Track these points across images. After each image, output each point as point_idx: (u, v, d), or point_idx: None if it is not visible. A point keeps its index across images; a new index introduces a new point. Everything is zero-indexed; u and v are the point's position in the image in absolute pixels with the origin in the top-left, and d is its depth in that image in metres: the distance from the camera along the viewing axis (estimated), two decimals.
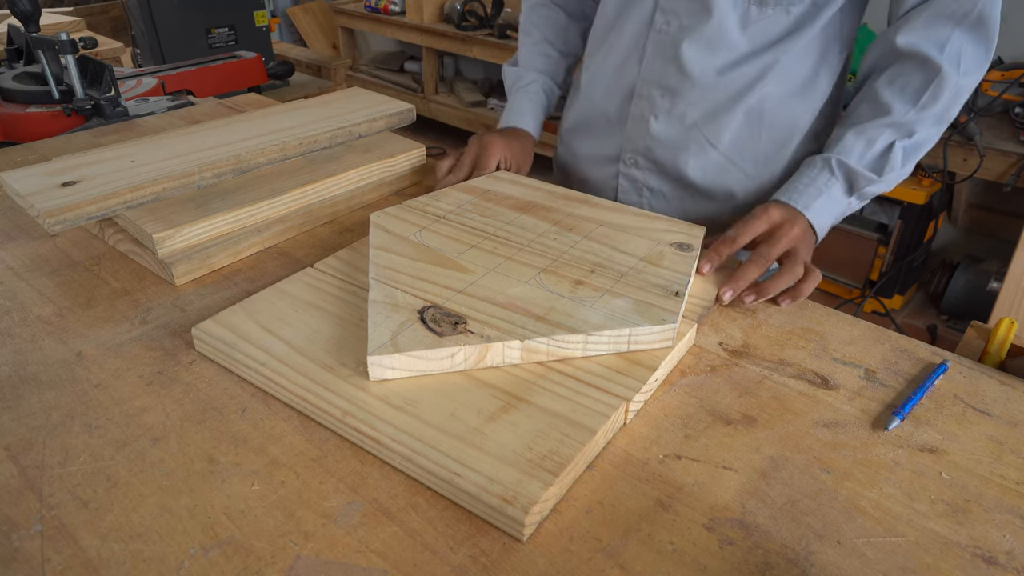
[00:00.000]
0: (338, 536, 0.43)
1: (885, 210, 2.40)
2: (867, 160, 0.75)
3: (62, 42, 1.13)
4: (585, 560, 0.42)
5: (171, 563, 0.41)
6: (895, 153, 0.74)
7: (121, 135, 1.06)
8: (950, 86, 0.72)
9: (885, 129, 0.74)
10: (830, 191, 0.75)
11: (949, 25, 0.71)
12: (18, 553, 0.42)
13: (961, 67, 0.72)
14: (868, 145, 0.75)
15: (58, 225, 0.67)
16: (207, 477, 0.47)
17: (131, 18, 2.21)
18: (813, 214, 0.73)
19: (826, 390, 0.58)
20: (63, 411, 0.53)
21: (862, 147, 0.75)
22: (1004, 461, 0.51)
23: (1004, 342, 0.62)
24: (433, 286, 0.61)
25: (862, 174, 0.74)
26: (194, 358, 0.59)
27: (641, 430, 0.53)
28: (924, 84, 0.73)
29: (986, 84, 2.06)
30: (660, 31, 0.83)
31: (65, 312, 0.65)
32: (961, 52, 0.72)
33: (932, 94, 0.72)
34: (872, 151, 0.75)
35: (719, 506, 0.46)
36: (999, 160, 1.91)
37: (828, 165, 0.75)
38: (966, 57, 0.72)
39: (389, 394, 0.52)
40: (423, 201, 0.78)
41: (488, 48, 3.16)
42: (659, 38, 0.84)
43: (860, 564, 0.43)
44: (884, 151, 0.75)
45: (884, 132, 0.74)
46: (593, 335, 0.56)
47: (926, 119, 0.74)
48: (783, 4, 0.78)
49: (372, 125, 0.94)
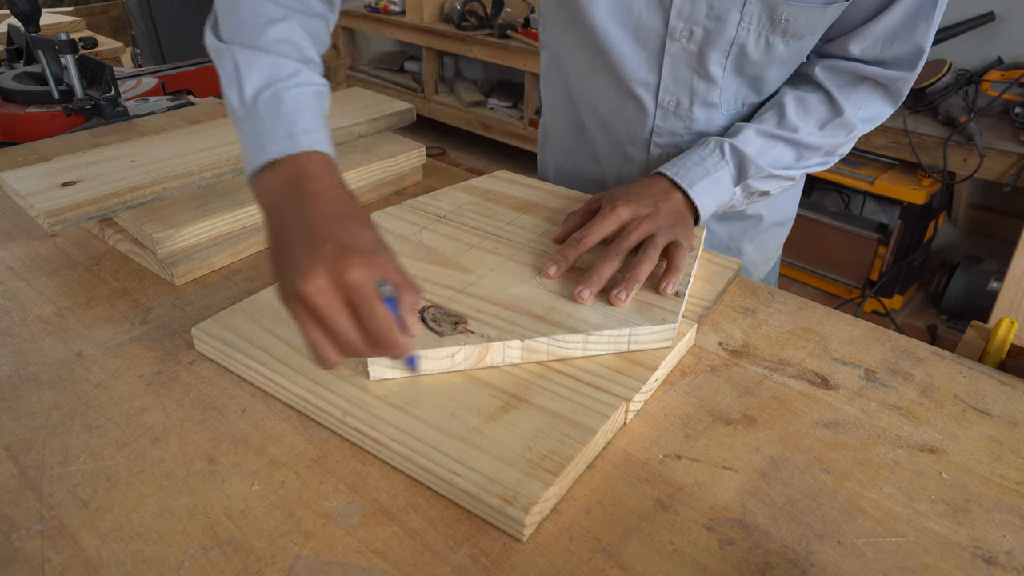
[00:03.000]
0: (338, 536, 0.43)
1: (885, 210, 2.41)
2: (762, 159, 0.73)
3: (62, 42, 1.14)
4: (585, 560, 0.42)
5: (171, 563, 0.41)
6: (785, 159, 0.75)
7: (121, 135, 1.06)
8: (847, 128, 0.74)
9: (785, 141, 0.74)
10: (718, 174, 0.72)
11: (865, 83, 0.74)
12: (18, 553, 0.42)
13: (861, 115, 0.74)
14: (766, 147, 0.74)
15: (58, 225, 0.67)
16: (207, 477, 0.47)
17: (131, 18, 2.21)
18: (697, 193, 0.70)
19: (826, 390, 0.58)
20: (63, 411, 0.53)
21: (760, 145, 0.74)
22: (1004, 461, 0.51)
23: (1004, 342, 0.62)
24: (433, 286, 0.61)
25: (753, 162, 0.72)
26: (194, 358, 0.59)
27: (641, 430, 0.53)
28: (828, 118, 0.74)
29: (986, 84, 2.06)
30: None
31: (65, 312, 0.65)
32: (866, 104, 0.74)
33: (832, 129, 0.74)
34: (770, 154, 0.74)
35: (719, 506, 0.46)
36: (999, 160, 1.91)
37: (720, 148, 0.73)
38: (870, 109, 0.75)
39: (389, 394, 0.52)
40: (423, 201, 0.78)
41: (488, 48, 3.16)
42: None
43: (860, 564, 0.43)
44: (778, 156, 0.74)
45: (782, 143, 0.74)
46: (593, 335, 0.56)
47: (821, 148, 0.75)
48: None
49: (372, 125, 0.94)
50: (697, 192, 0.70)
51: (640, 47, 0.73)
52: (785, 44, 0.71)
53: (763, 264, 0.95)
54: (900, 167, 2.21)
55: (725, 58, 0.72)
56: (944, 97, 2.08)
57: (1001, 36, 2.14)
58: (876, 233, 2.27)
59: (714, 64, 0.73)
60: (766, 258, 0.95)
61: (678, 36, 0.71)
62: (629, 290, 0.60)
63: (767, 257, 0.95)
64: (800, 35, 0.70)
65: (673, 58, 0.73)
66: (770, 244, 0.94)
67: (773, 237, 0.94)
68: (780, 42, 0.71)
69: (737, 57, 0.72)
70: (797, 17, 0.68)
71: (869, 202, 2.49)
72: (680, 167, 0.72)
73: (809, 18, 0.68)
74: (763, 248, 0.93)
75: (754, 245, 0.91)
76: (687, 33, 0.71)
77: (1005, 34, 2.13)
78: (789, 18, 0.68)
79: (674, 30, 0.71)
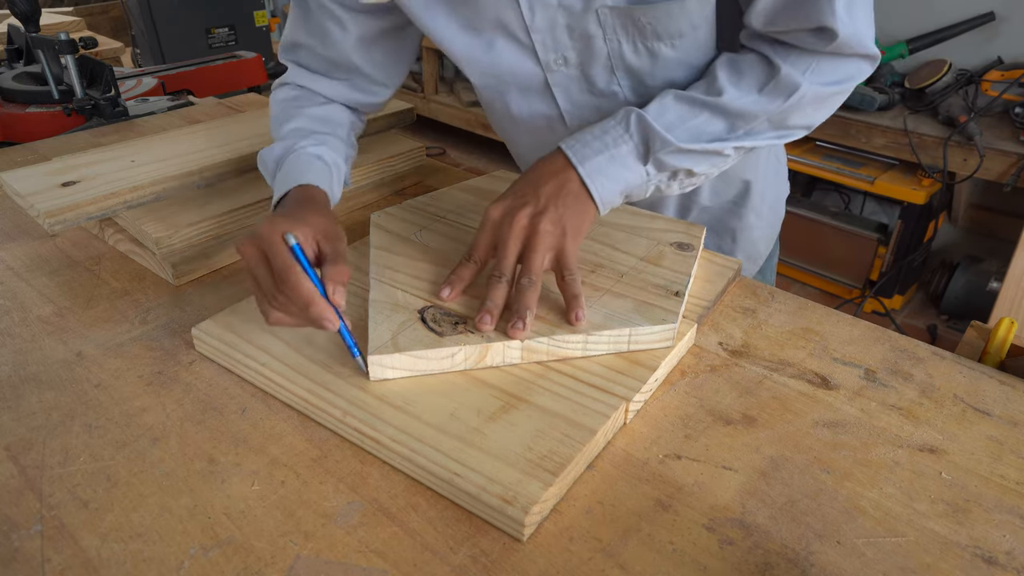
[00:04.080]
0: (338, 536, 0.43)
1: (885, 210, 2.41)
2: (679, 130, 0.62)
3: (62, 42, 1.14)
4: (585, 560, 0.42)
5: (171, 563, 0.41)
6: (714, 129, 0.63)
7: (121, 135, 1.06)
8: (788, 88, 0.62)
9: (711, 109, 0.63)
10: (618, 149, 0.62)
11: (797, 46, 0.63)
12: (18, 553, 0.42)
13: (810, 78, 0.62)
14: (687, 115, 0.63)
15: (58, 225, 0.67)
16: (207, 477, 0.47)
17: (131, 18, 2.21)
18: (589, 172, 0.61)
19: (826, 390, 0.58)
20: (63, 411, 0.53)
21: (679, 113, 0.63)
22: (1004, 461, 0.51)
23: (1004, 342, 0.62)
24: (434, 286, 0.61)
25: (659, 135, 0.61)
26: (194, 358, 0.59)
27: (641, 430, 0.53)
28: (765, 79, 0.63)
29: (986, 84, 2.06)
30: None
31: (65, 312, 0.65)
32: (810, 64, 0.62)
33: (771, 92, 0.63)
34: (692, 123, 0.63)
35: (719, 506, 0.46)
36: (999, 160, 1.91)
37: (627, 119, 0.63)
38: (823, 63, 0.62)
39: (389, 394, 0.52)
40: (423, 201, 0.78)
41: None
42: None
43: (860, 564, 0.43)
44: (703, 126, 0.63)
45: (707, 110, 0.63)
46: (593, 335, 0.56)
47: (758, 116, 0.63)
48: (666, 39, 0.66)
49: (372, 125, 0.94)
50: (589, 170, 0.61)
51: (526, 92, 0.73)
52: (670, 46, 0.66)
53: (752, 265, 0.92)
54: (900, 167, 2.21)
55: (611, 74, 0.69)
56: (944, 97, 2.08)
57: (1001, 36, 2.14)
58: (876, 233, 2.27)
59: (603, 82, 0.70)
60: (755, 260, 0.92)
61: (554, 66, 0.69)
62: (523, 319, 0.55)
63: (756, 259, 0.92)
64: (679, 33, 0.65)
65: (562, 88, 0.71)
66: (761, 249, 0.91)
67: (764, 242, 0.91)
68: (662, 45, 0.66)
69: (626, 70, 0.69)
70: (659, 18, 0.63)
71: (869, 202, 2.49)
72: (578, 140, 0.63)
73: (672, 15, 0.62)
74: (754, 252, 0.91)
75: (746, 253, 0.89)
76: (561, 61, 0.69)
77: (1005, 34, 2.13)
78: (651, 21, 0.63)
79: (547, 63, 0.69)
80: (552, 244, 0.58)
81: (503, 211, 0.60)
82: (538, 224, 0.58)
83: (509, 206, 0.60)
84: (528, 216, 0.59)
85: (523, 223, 0.59)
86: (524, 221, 0.59)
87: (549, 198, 0.60)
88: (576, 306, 0.57)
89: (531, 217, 0.59)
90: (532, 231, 0.58)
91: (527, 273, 0.57)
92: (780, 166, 0.92)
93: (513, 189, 0.62)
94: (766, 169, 0.87)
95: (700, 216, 0.87)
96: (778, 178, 0.91)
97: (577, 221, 0.60)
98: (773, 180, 0.89)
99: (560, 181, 0.61)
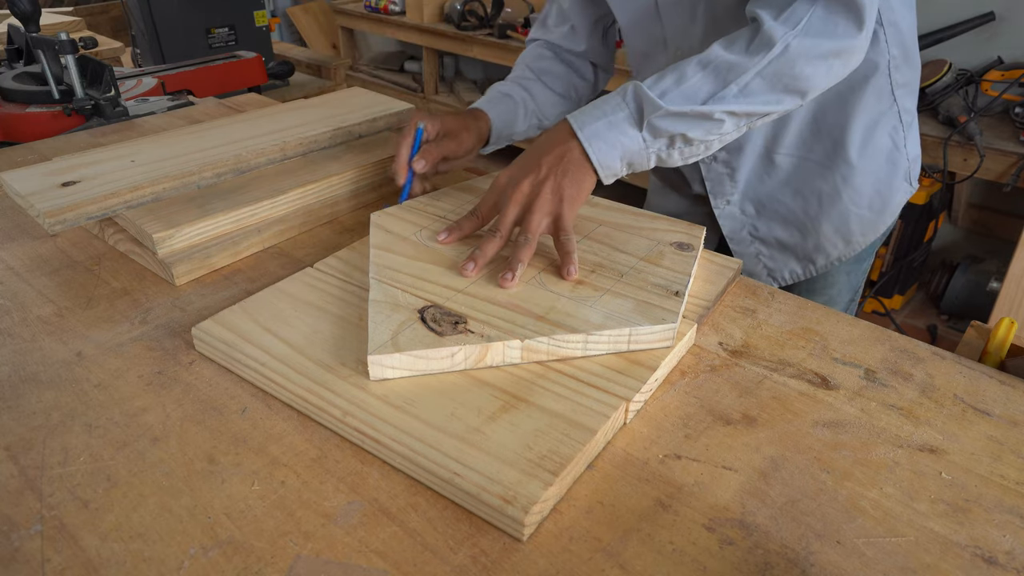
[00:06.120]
0: (338, 536, 0.43)
1: None
2: (672, 93, 0.65)
3: (62, 42, 1.13)
4: (585, 560, 0.42)
5: (171, 563, 0.41)
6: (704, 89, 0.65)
7: (121, 135, 1.06)
8: (768, 39, 0.63)
9: (702, 67, 0.65)
10: (615, 116, 0.66)
11: None
12: (18, 553, 0.42)
13: (800, 28, 0.63)
14: (681, 78, 0.65)
15: (58, 225, 0.67)
16: (207, 477, 0.47)
17: (131, 18, 2.21)
18: (588, 136, 0.65)
19: (826, 390, 0.58)
20: (63, 411, 0.53)
21: (675, 76, 0.66)
22: (1004, 461, 0.51)
23: (1004, 342, 0.62)
24: (433, 286, 0.61)
25: (648, 98, 0.64)
26: (194, 358, 0.59)
27: (641, 430, 0.53)
28: (751, 37, 0.65)
29: (986, 84, 2.06)
30: None
31: (65, 312, 0.65)
32: (804, 17, 0.64)
33: (756, 46, 0.64)
34: (685, 84, 0.65)
35: (719, 506, 0.46)
36: (999, 160, 1.90)
37: (625, 89, 0.67)
38: (813, 21, 0.64)
39: (389, 394, 0.52)
40: (423, 201, 0.78)
41: (488, 48, 3.15)
42: None
43: (860, 564, 0.43)
44: (696, 87, 0.65)
45: (700, 71, 0.65)
46: (593, 335, 0.56)
47: (748, 69, 0.64)
48: None
49: (372, 125, 0.94)
50: (588, 135, 0.65)
51: None
52: None
53: (844, 246, 0.89)
54: None
55: None
56: (944, 97, 2.08)
57: (1001, 36, 2.14)
58: None
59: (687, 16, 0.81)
60: (848, 241, 0.89)
61: None
62: (513, 271, 0.61)
63: (849, 240, 0.89)
64: None
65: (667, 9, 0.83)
66: (855, 229, 0.88)
67: (860, 223, 0.87)
68: None
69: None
70: None
71: None
72: (581, 111, 0.68)
73: None
74: (845, 230, 0.87)
75: (834, 226, 0.87)
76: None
77: (1005, 34, 2.13)
78: None
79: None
80: (550, 209, 0.65)
81: (508, 178, 0.67)
82: (539, 190, 0.65)
83: (514, 174, 0.67)
84: (531, 184, 0.66)
85: (525, 190, 0.65)
86: (527, 188, 0.65)
87: (551, 167, 0.66)
88: (569, 262, 0.63)
89: (533, 185, 0.65)
90: (533, 196, 0.65)
91: (524, 232, 0.64)
92: (897, 153, 0.86)
93: (521, 158, 0.68)
94: (867, 140, 0.83)
95: (783, 161, 0.85)
96: (890, 164, 0.86)
97: (575, 189, 0.66)
98: (883, 163, 0.85)
99: (562, 151, 0.66)
